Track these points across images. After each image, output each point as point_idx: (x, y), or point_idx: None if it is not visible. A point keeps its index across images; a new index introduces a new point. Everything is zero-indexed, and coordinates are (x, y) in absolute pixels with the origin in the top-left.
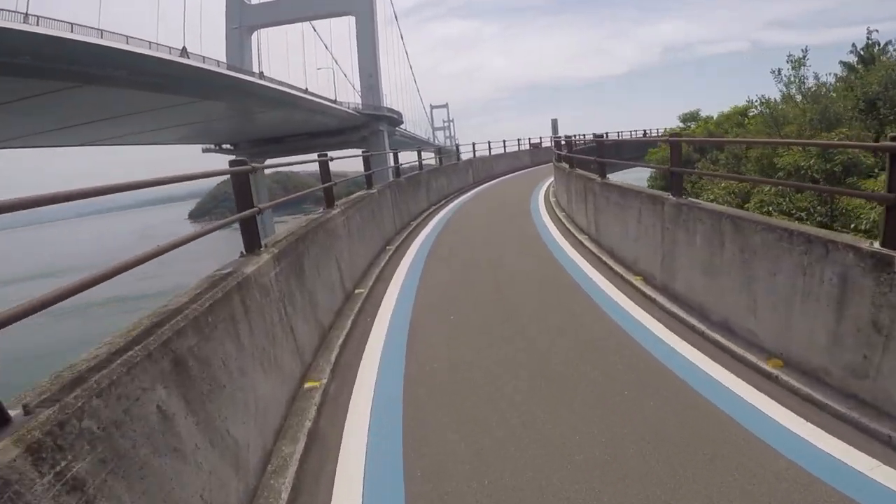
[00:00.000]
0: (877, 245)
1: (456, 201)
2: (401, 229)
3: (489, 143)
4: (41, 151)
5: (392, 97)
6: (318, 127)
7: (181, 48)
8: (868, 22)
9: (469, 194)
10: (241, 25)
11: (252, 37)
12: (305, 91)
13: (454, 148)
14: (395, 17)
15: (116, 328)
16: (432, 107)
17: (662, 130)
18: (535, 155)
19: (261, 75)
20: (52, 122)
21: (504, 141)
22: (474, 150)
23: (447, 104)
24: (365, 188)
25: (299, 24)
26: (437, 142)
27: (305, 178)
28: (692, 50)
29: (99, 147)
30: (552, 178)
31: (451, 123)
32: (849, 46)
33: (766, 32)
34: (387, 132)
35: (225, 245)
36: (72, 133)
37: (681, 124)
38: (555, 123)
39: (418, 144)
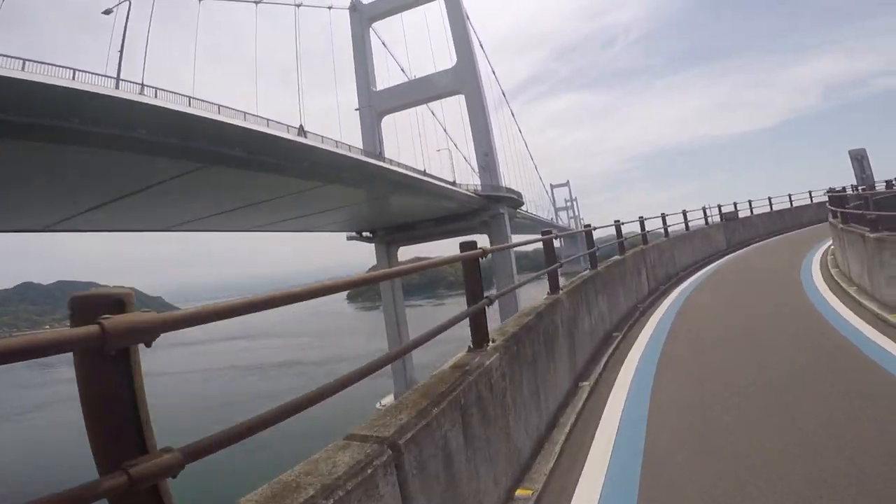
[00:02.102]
0: None
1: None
2: None
3: (664, 216)
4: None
5: (509, 178)
6: (441, 212)
7: (298, 126)
8: None
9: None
10: (372, 112)
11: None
12: (423, 173)
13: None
14: (504, 95)
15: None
16: (552, 186)
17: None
18: (730, 230)
19: (386, 160)
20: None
21: (684, 212)
22: (645, 235)
23: (568, 182)
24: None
25: (414, 109)
26: (559, 222)
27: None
28: (864, 84)
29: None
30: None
31: (574, 202)
32: None
33: None
34: (507, 215)
35: (364, 324)
36: (234, 218)
37: None
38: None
39: (541, 226)
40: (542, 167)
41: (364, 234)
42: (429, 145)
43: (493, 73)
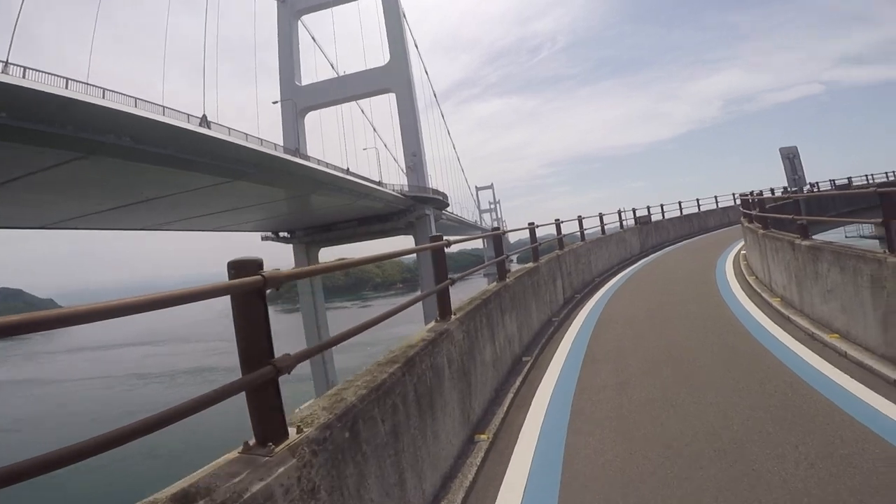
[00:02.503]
0: None
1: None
2: None
3: (580, 219)
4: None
5: (437, 179)
6: (366, 212)
7: (201, 116)
8: None
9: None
10: (295, 108)
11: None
12: (347, 171)
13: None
14: (435, 95)
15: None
16: (477, 188)
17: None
18: (644, 234)
19: (307, 157)
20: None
21: (601, 215)
22: (561, 239)
23: (492, 185)
24: None
25: (344, 107)
26: (483, 224)
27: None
28: (757, 100)
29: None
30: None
31: (498, 205)
32: None
33: (839, 71)
34: (433, 216)
35: (283, 327)
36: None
37: None
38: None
39: (465, 228)
40: (468, 169)
41: (281, 234)
42: (357, 144)
43: (426, 73)
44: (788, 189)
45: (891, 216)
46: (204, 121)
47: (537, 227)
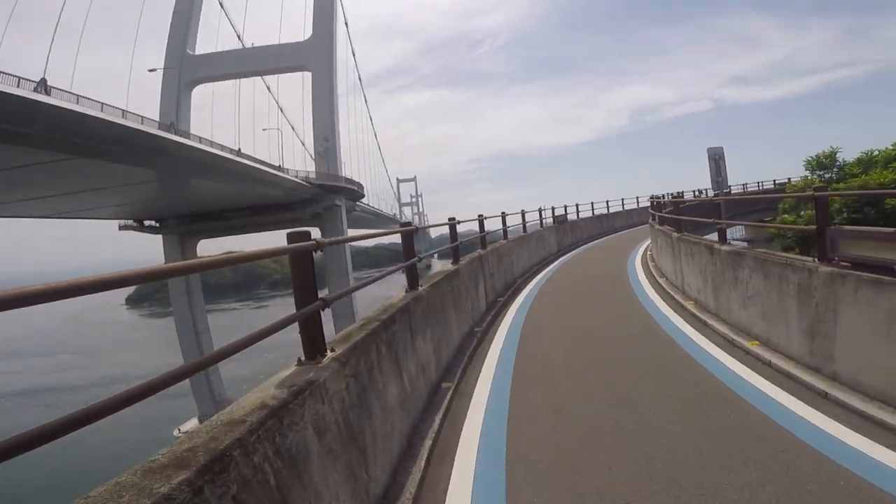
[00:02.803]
0: None
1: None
2: None
3: (504, 216)
4: None
5: (353, 168)
6: (262, 200)
7: (40, 80)
8: (814, 71)
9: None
10: (180, 78)
11: (192, 92)
12: (238, 153)
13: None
14: (360, 80)
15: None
16: (399, 181)
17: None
18: (561, 233)
19: (184, 134)
20: None
21: (523, 213)
22: (484, 237)
23: (415, 177)
24: None
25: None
26: (403, 218)
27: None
28: (659, 112)
29: None
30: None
31: (420, 198)
32: (804, 95)
33: (728, 90)
34: (345, 207)
35: (153, 335)
36: None
37: (808, 174)
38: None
39: (382, 221)
40: (392, 161)
41: (147, 223)
42: (261, 125)
43: (354, 55)
44: (714, 191)
45: (825, 223)
46: (42, 85)
47: (459, 223)
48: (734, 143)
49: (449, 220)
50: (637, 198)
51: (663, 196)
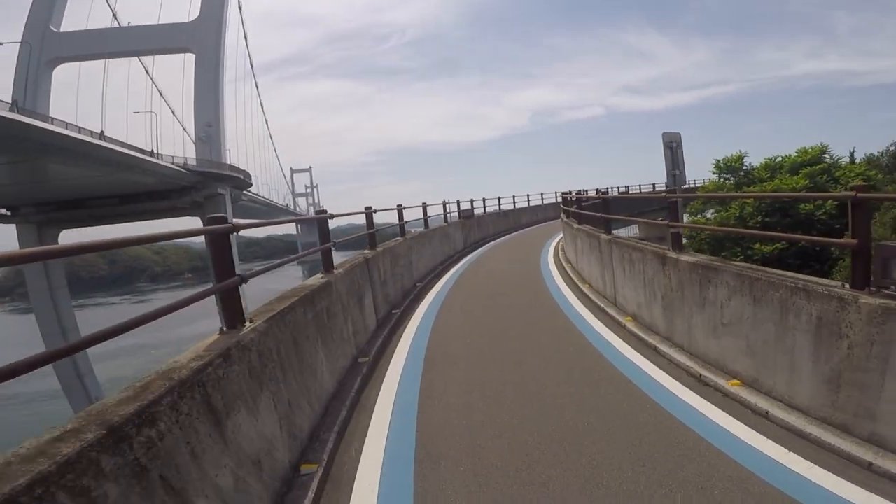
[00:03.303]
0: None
1: None
2: None
3: (401, 209)
4: None
5: (241, 156)
6: (132, 187)
7: None
8: (700, 87)
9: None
10: (39, 55)
11: (54, 71)
12: (101, 136)
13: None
14: (252, 66)
15: None
16: (293, 171)
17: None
18: (468, 229)
19: (46, 119)
20: None
21: (424, 206)
22: (373, 234)
23: (310, 168)
24: None
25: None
26: (298, 209)
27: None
28: (558, 115)
29: None
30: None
31: (316, 189)
32: (688, 107)
33: (619, 98)
34: (230, 196)
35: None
36: None
37: (714, 177)
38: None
39: (274, 212)
40: (288, 150)
41: None
42: (137, 108)
43: (246, 40)
44: (667, 186)
45: (868, 237)
46: None
47: (340, 216)
48: (623, 148)
49: (318, 212)
50: (542, 194)
51: (581, 192)
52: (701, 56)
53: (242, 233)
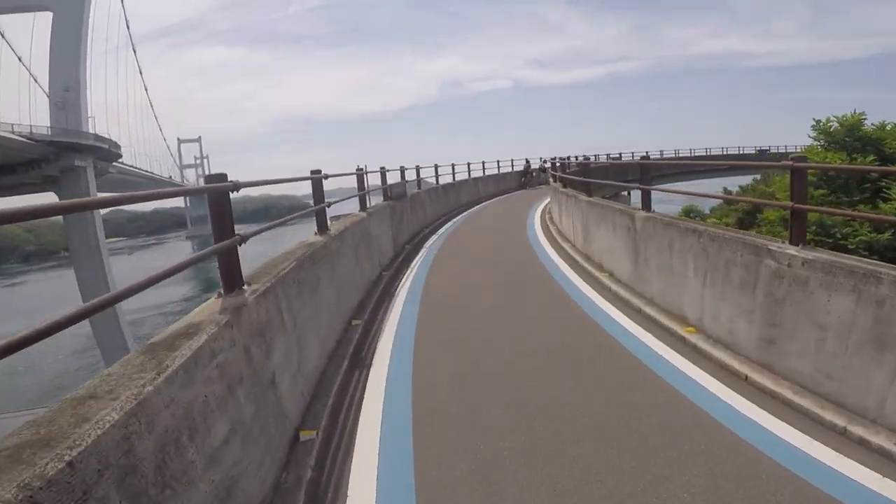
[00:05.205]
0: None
1: None
2: None
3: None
4: None
5: (111, 126)
6: None
7: None
8: (610, 60)
9: None
10: None
11: None
12: None
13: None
14: (128, 28)
15: None
16: (181, 141)
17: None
18: (398, 219)
19: None
20: None
21: (383, 170)
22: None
23: (199, 137)
24: None
25: None
26: (186, 181)
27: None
28: (466, 87)
29: None
30: None
31: (206, 160)
32: (594, 83)
33: (526, 71)
34: (93, 168)
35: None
36: None
37: (814, 141)
38: None
39: (156, 184)
40: (176, 120)
41: None
42: None
43: (122, 3)
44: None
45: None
46: None
47: (335, 175)
48: (532, 122)
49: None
50: (483, 162)
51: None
52: (610, 31)
53: (125, 207)
